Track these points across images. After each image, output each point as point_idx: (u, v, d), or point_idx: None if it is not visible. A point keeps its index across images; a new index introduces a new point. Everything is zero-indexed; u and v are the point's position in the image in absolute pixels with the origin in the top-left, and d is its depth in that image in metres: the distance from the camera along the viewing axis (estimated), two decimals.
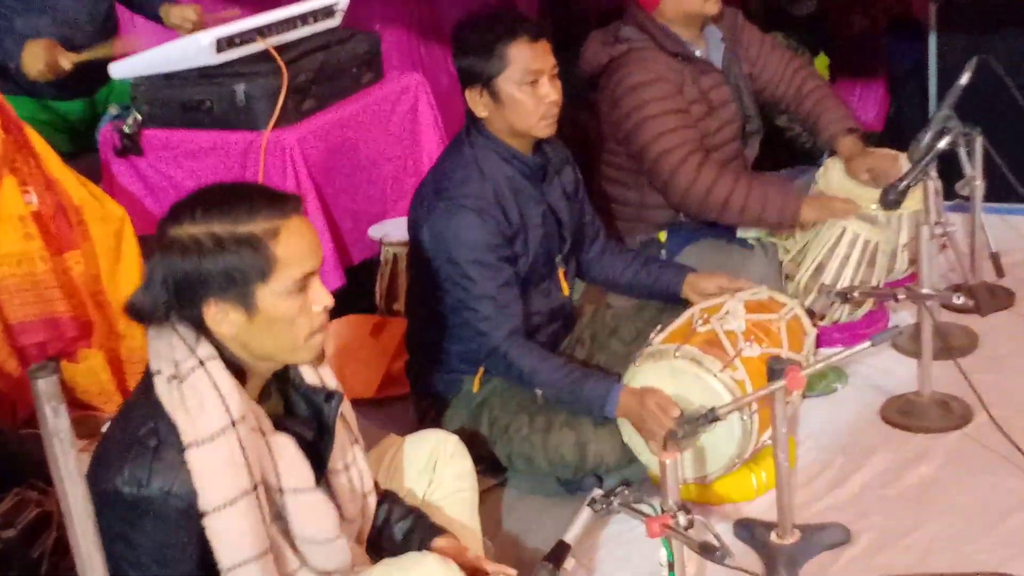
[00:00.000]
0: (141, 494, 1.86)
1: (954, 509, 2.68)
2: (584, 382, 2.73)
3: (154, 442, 1.88)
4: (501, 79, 2.75)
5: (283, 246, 1.93)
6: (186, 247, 1.90)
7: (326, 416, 2.10)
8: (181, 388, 1.90)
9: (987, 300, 3.49)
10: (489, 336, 2.77)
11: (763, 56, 3.62)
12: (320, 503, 2.05)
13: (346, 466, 2.15)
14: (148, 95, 3.51)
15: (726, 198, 3.29)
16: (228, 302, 1.92)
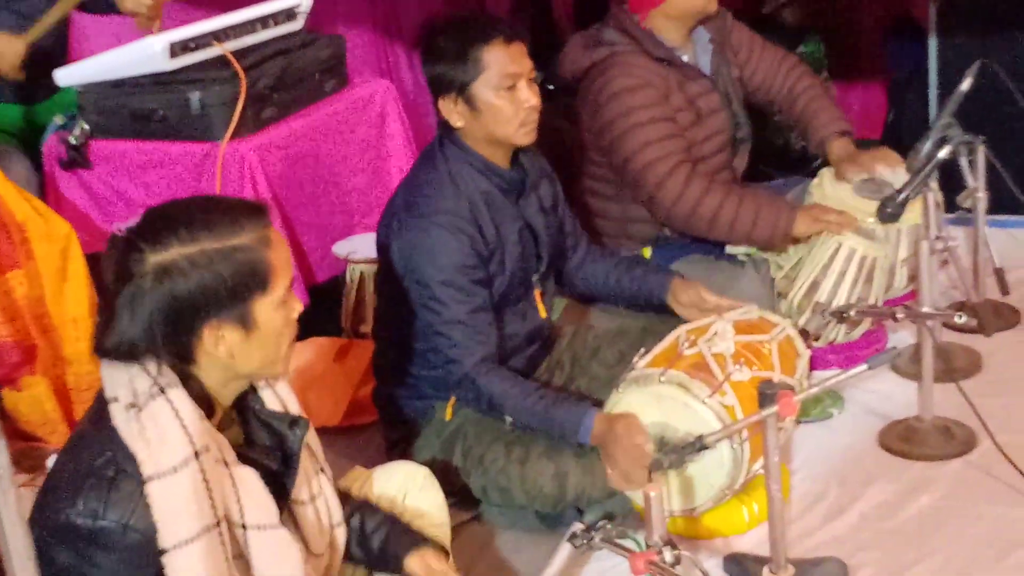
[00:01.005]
0: (97, 526, 1.86)
1: (957, 542, 2.68)
2: (556, 408, 2.72)
3: (111, 472, 1.87)
4: (477, 85, 2.75)
5: (274, 254, 1.97)
6: (179, 271, 1.90)
7: (290, 444, 2.10)
8: (140, 417, 1.90)
9: (991, 319, 3.49)
10: (459, 363, 2.76)
11: (754, 57, 3.64)
12: (283, 541, 2.04)
13: (312, 497, 2.15)
14: (96, 104, 3.51)
15: (715, 212, 3.30)
16: (227, 321, 1.94)
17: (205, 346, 1.95)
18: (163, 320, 1.91)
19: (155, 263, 1.91)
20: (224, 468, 1.97)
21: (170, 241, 1.92)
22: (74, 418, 3.20)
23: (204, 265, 1.92)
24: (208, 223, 1.95)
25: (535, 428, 2.76)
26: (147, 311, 1.91)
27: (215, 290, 1.93)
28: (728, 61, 3.60)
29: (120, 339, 1.92)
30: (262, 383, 2.13)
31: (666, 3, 3.38)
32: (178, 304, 1.91)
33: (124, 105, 3.49)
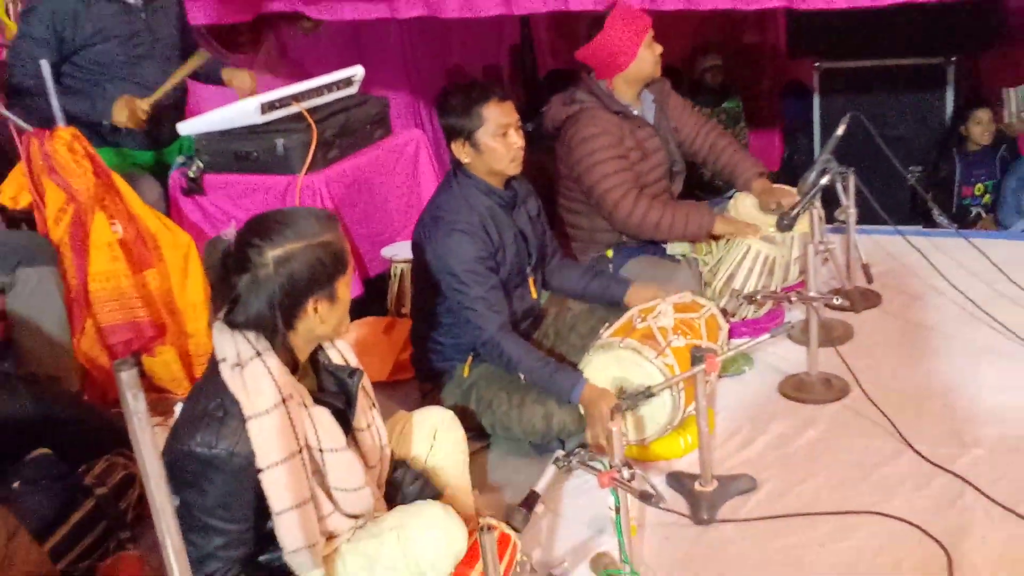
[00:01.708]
0: (211, 453, 1.87)
1: (834, 464, 2.69)
2: (558, 373, 2.72)
3: (221, 413, 1.88)
4: (479, 133, 2.75)
5: (345, 247, 2.01)
6: (294, 259, 1.93)
7: (350, 388, 2.12)
8: (243, 373, 1.90)
9: (860, 301, 3.49)
10: (484, 330, 2.76)
11: (683, 117, 3.62)
12: (350, 459, 2.05)
13: (368, 425, 2.16)
14: (208, 147, 3.52)
15: (657, 221, 3.31)
16: (322, 297, 1.97)
17: (307, 315, 1.97)
18: (283, 297, 1.93)
19: (274, 255, 1.92)
20: (304, 409, 1.98)
21: (283, 239, 1.93)
22: (194, 375, 3.23)
23: (310, 255, 1.94)
24: (306, 225, 1.97)
25: (539, 384, 2.75)
26: (270, 292, 1.93)
27: (319, 272, 1.95)
28: (666, 115, 3.59)
29: (249, 314, 1.94)
30: (328, 343, 2.14)
31: (626, 71, 3.37)
32: (295, 284, 1.94)
33: (228, 148, 3.49)
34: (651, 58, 3.36)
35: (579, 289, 3.15)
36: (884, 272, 3.75)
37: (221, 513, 1.90)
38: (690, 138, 3.61)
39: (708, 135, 3.61)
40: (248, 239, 1.95)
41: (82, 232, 2.97)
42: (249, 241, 1.94)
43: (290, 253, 1.93)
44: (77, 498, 2.43)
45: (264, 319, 1.94)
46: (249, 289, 1.93)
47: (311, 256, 1.95)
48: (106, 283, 2.99)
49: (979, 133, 4.95)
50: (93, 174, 3.00)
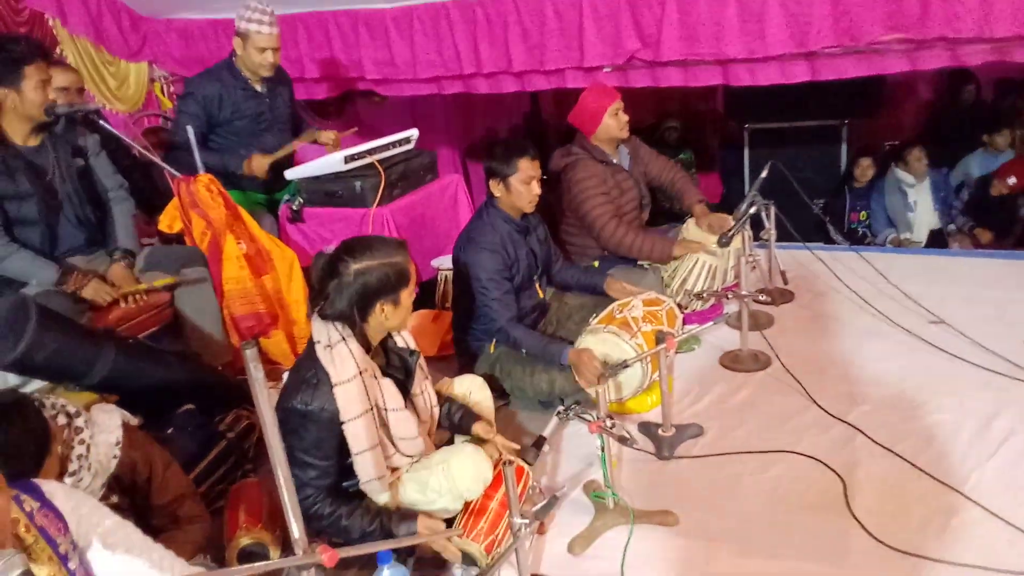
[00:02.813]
0: (308, 409, 1.88)
1: (762, 416, 2.68)
2: (550, 346, 2.71)
3: (315, 380, 1.89)
4: (512, 178, 2.75)
5: (411, 266, 2.00)
6: (369, 272, 1.93)
7: (410, 365, 2.12)
8: (332, 352, 1.91)
9: (778, 297, 3.48)
10: (497, 321, 2.75)
11: (651, 163, 3.60)
12: (407, 417, 2.06)
13: (422, 392, 2.17)
14: (307, 188, 3.51)
15: (631, 244, 3.30)
16: (387, 301, 1.96)
17: (376, 313, 1.97)
18: (358, 299, 1.94)
19: (356, 268, 1.93)
20: (375, 379, 1.99)
21: (363, 256, 1.94)
22: (297, 352, 3.20)
23: (381, 270, 1.94)
24: (381, 248, 1.97)
25: (538, 355, 2.74)
26: (350, 294, 1.93)
27: (386, 284, 1.95)
28: (639, 162, 3.57)
29: (334, 309, 1.95)
30: (395, 333, 2.14)
31: (595, 134, 3.35)
32: (367, 290, 1.94)
33: (321, 188, 3.48)
34: (615, 124, 3.33)
35: (573, 282, 3.13)
36: (796, 276, 3.74)
37: (314, 452, 1.92)
38: (657, 177, 3.60)
39: (668, 172, 3.60)
40: (340, 255, 1.96)
41: (217, 249, 2.98)
42: (340, 256, 1.96)
43: (367, 267, 1.93)
44: (213, 440, 2.46)
45: (346, 314, 1.95)
46: (336, 290, 1.95)
47: (382, 272, 1.94)
48: (236, 285, 2.99)
49: (861, 174, 4.98)
50: (224, 207, 3.02)
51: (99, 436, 1.88)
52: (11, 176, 2.61)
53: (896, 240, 4.86)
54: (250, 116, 3.50)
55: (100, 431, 1.89)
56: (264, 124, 3.56)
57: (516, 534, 1.87)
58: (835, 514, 2.17)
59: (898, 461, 2.34)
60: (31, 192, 2.64)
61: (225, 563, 2.05)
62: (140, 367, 2.42)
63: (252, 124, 3.51)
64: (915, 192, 4.83)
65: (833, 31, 3.23)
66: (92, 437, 1.86)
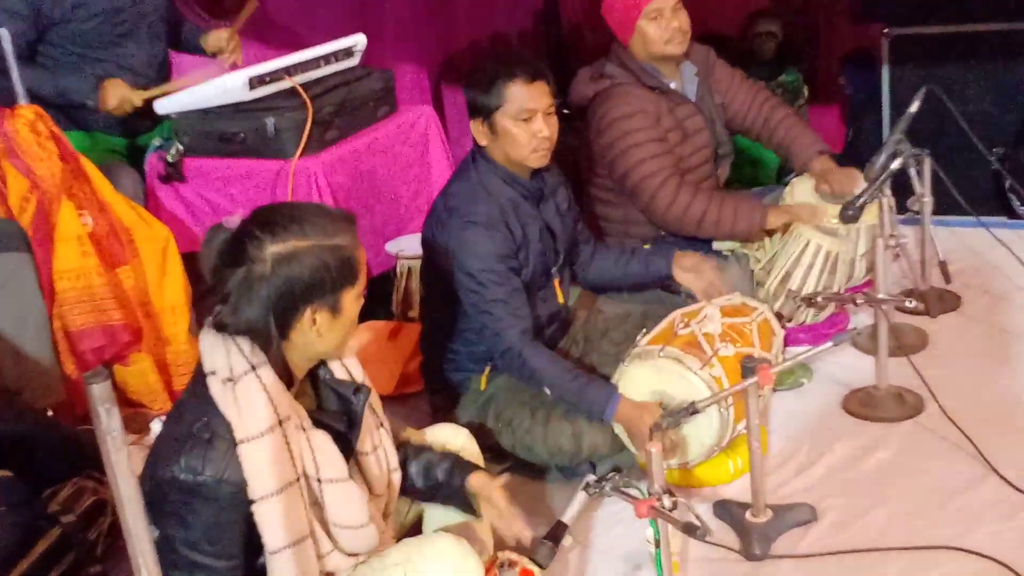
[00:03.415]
0: (196, 480, 1.87)
1: (909, 491, 2.67)
2: (588, 387, 2.71)
3: (208, 435, 1.88)
4: (498, 114, 2.74)
5: (360, 255, 1.99)
6: (296, 260, 1.91)
7: (355, 408, 2.11)
8: (235, 389, 1.90)
9: (936, 304, 3.48)
10: (503, 336, 2.74)
11: (732, 89, 3.62)
12: (352, 491, 2.05)
13: (374, 447, 2.16)
14: (189, 128, 3.51)
15: (702, 215, 3.30)
16: (322, 306, 1.95)
17: (303, 326, 1.96)
18: (277, 300, 1.92)
19: (274, 252, 1.91)
20: (302, 432, 1.98)
21: (288, 235, 1.92)
22: (172, 388, 3.23)
23: (316, 257, 1.93)
24: (317, 223, 1.96)
25: (567, 400, 2.74)
26: (264, 293, 1.91)
27: (321, 279, 1.94)
28: (711, 90, 3.58)
29: (239, 317, 1.93)
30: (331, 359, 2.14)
31: (631, 45, 3.37)
32: (292, 288, 1.92)
33: (212, 129, 3.49)
34: (656, 34, 3.33)
35: (618, 275, 3.15)
36: (964, 270, 3.74)
37: (207, 548, 1.90)
38: (741, 112, 3.61)
39: (762, 107, 3.61)
40: (249, 229, 1.93)
41: (47, 224, 2.96)
42: (249, 231, 1.93)
43: (293, 251, 1.91)
44: (41, 527, 2.44)
45: (256, 324, 1.94)
46: (241, 287, 1.92)
47: (316, 259, 1.93)
48: (76, 282, 2.99)
49: None
50: (59, 158, 3.01)
51: None
52: None
53: None
54: (102, 13, 3.50)
55: None
56: (123, 25, 3.56)
57: None
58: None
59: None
60: None
61: None
62: None
63: (105, 25, 3.52)
64: None
65: None
66: None
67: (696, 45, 3.50)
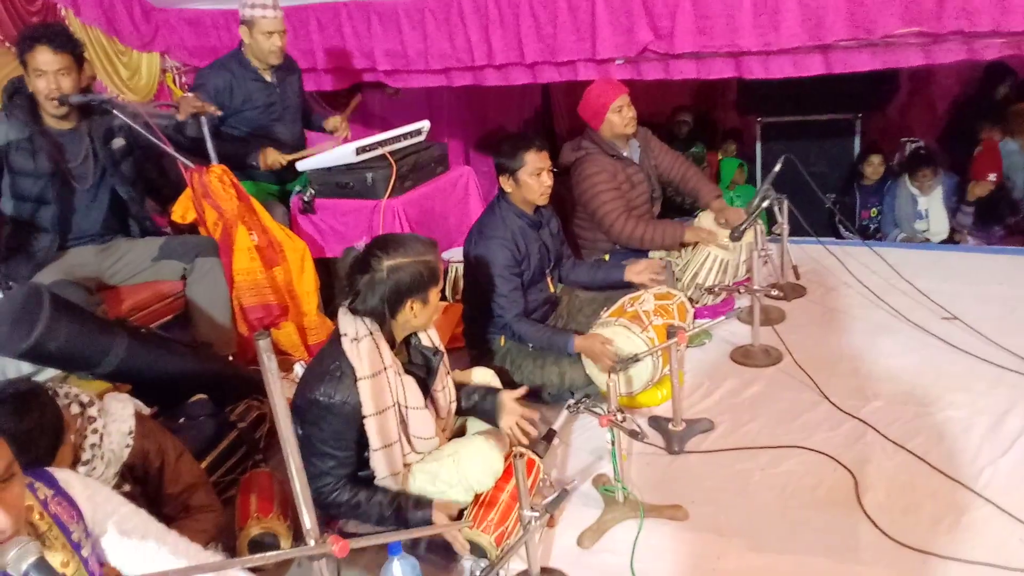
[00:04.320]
0: (331, 401, 1.88)
1: (771, 410, 2.67)
2: (554, 336, 2.72)
3: (339, 373, 1.90)
4: (521, 172, 2.74)
5: (441, 267, 2.01)
6: (402, 269, 1.93)
7: (433, 364, 2.11)
8: (358, 346, 1.92)
9: (790, 292, 3.46)
10: (503, 316, 2.76)
11: (663, 155, 3.58)
12: (426, 416, 2.06)
13: (442, 387, 2.17)
14: (318, 179, 3.51)
15: (641, 235, 3.29)
16: (417, 299, 1.97)
17: (405, 311, 1.97)
18: (390, 295, 1.94)
19: (389, 264, 1.93)
20: (398, 376, 1.99)
21: (397, 254, 1.94)
22: (307, 343, 3.23)
23: (415, 268, 1.94)
24: (415, 246, 1.97)
25: (544, 347, 2.74)
26: (381, 291, 1.93)
27: (418, 282, 1.95)
28: (649, 156, 3.56)
29: (365, 304, 1.95)
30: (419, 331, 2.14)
31: (603, 127, 3.33)
32: (399, 287, 1.94)
33: (333, 180, 3.48)
34: (619, 121, 3.30)
35: (589, 280, 3.12)
36: (809, 271, 3.72)
37: (333, 443, 1.92)
38: (667, 170, 3.58)
39: (680, 167, 3.58)
40: (373, 250, 1.96)
41: (229, 240, 2.98)
42: (373, 252, 1.96)
43: (400, 264, 1.93)
44: (225, 430, 2.47)
45: (376, 309, 1.95)
46: (367, 286, 1.95)
47: (415, 269, 1.94)
48: (247, 276, 3.00)
49: (871, 172, 4.96)
50: (236, 198, 3.02)
51: (112, 425, 1.89)
52: (33, 155, 2.67)
53: (907, 238, 4.82)
54: (261, 106, 3.51)
55: (113, 420, 1.90)
56: (275, 113, 3.57)
57: (526, 527, 1.87)
58: (846, 510, 2.16)
59: (909, 458, 2.33)
60: (47, 172, 2.69)
61: (236, 552, 2.06)
62: (152, 357, 2.43)
63: (263, 114, 3.52)
64: (926, 201, 4.79)
65: (848, 23, 3.20)
66: (105, 426, 1.87)
67: (640, 127, 3.48)
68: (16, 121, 2.66)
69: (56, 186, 2.73)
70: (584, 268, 3.16)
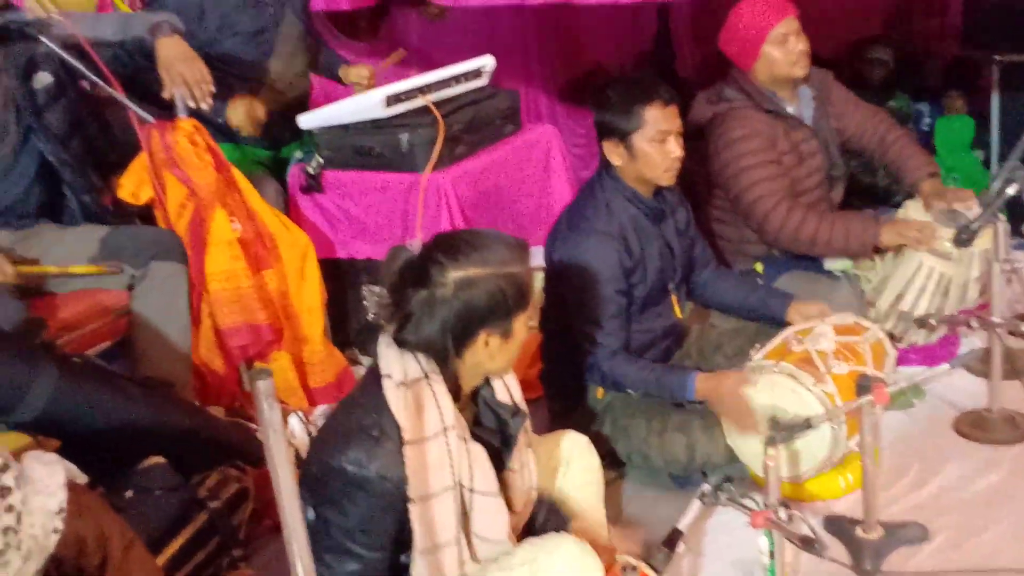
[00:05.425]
0: (361, 473, 1.89)
1: (1020, 513, 2.61)
2: (665, 376, 2.72)
3: (376, 432, 1.91)
4: (636, 135, 2.74)
5: (531, 283, 2.01)
6: (475, 285, 1.93)
7: (511, 430, 2.12)
8: (408, 394, 1.93)
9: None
10: (591, 353, 2.77)
11: (849, 111, 3.54)
12: (499, 506, 2.05)
13: (521, 466, 2.16)
14: (329, 143, 3.55)
15: (813, 234, 3.24)
16: (495, 331, 1.97)
17: (476, 347, 1.97)
18: (456, 323, 1.94)
19: (456, 277, 1.93)
20: (463, 443, 1.99)
21: (468, 262, 1.94)
22: (308, 385, 3.27)
23: (493, 284, 1.94)
24: (495, 251, 1.97)
25: (652, 393, 2.74)
26: (444, 314, 1.94)
27: (497, 305, 1.95)
28: (827, 113, 3.51)
29: (420, 334, 1.96)
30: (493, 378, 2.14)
31: (755, 68, 3.32)
32: (470, 312, 1.94)
33: (350, 143, 3.52)
34: (782, 58, 3.29)
35: (735, 303, 3.12)
36: None
37: (360, 537, 1.93)
38: (857, 134, 3.54)
39: (878, 128, 3.53)
40: (432, 254, 1.96)
41: (201, 229, 3.03)
42: (433, 257, 1.96)
43: (473, 278, 1.93)
44: (190, 511, 2.49)
45: (434, 342, 1.96)
46: (424, 307, 1.95)
47: (494, 285, 1.94)
48: (226, 283, 3.05)
49: None
50: (214, 168, 3.07)
51: (34, 500, 1.93)
52: None
53: None
54: (244, 34, 3.57)
55: (35, 493, 1.94)
56: (266, 44, 3.62)
57: None
58: None
59: None
60: None
61: None
62: (91, 398, 2.49)
63: (248, 44, 3.59)
64: None
65: None
66: (24, 502, 1.91)
67: (814, 69, 3.43)
68: None
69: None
70: (730, 283, 3.15)
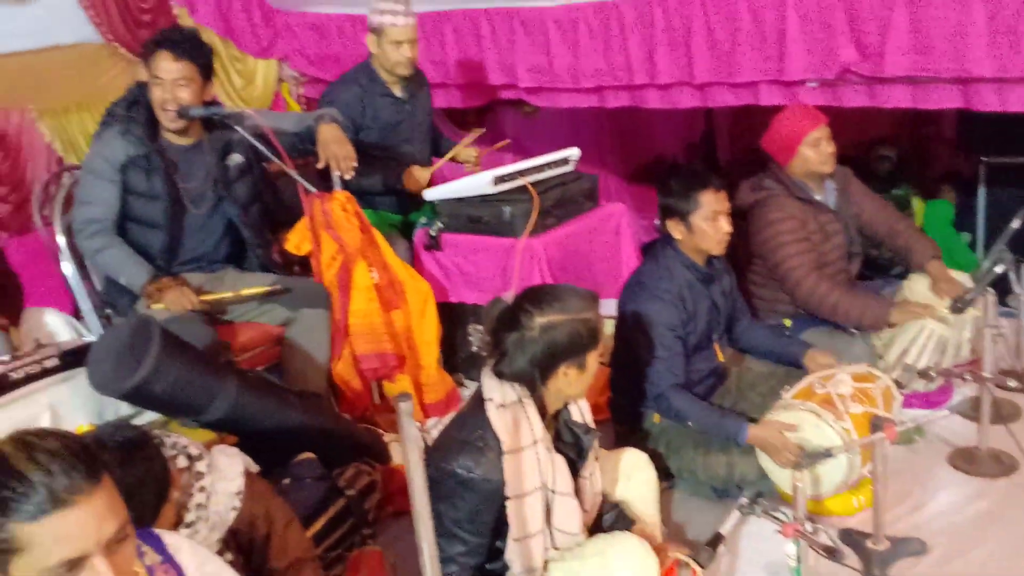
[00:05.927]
0: (469, 476, 1.92)
1: (1003, 535, 2.53)
2: (724, 419, 2.68)
3: (481, 444, 1.94)
4: (694, 215, 2.74)
5: (600, 327, 2.04)
6: (557, 329, 1.97)
7: (584, 444, 2.13)
8: (505, 414, 1.96)
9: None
10: (657, 385, 2.74)
11: (865, 202, 3.48)
12: (574, 505, 2.06)
13: (590, 474, 2.17)
14: (447, 211, 3.59)
15: (834, 305, 3.18)
16: (572, 365, 2.00)
17: (557, 377, 2.00)
18: (541, 358, 1.98)
19: (542, 322, 1.97)
20: (549, 454, 2.01)
21: (552, 310, 1.98)
22: (423, 401, 3.31)
23: (571, 327, 1.97)
24: (572, 302, 2.01)
25: (710, 431, 2.71)
26: (531, 352, 1.98)
27: (574, 344, 1.98)
28: (848, 201, 3.46)
29: (513, 367, 2.00)
30: (571, 403, 2.16)
31: (792, 164, 3.29)
32: (553, 350, 1.98)
33: (464, 212, 3.55)
34: (815, 157, 3.24)
35: (763, 349, 3.08)
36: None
37: (467, 526, 1.95)
38: (872, 221, 3.47)
39: (888, 218, 3.46)
40: (523, 304, 2.01)
41: (347, 277, 3.11)
42: (523, 306, 2.01)
43: (555, 323, 1.97)
44: (332, 497, 2.53)
45: (524, 373, 1.99)
46: (516, 346, 1.99)
47: (572, 328, 1.98)
48: (363, 319, 3.11)
49: None
50: (359, 229, 3.15)
51: (219, 484, 1.98)
52: (148, 174, 2.89)
53: None
54: (388, 124, 3.66)
55: (221, 478, 1.99)
56: (404, 133, 3.71)
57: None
58: None
59: None
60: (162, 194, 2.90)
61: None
62: (263, 405, 2.56)
63: (391, 133, 3.67)
64: None
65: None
66: (212, 484, 1.96)
67: (837, 167, 3.40)
68: (133, 137, 2.89)
69: (169, 209, 2.94)
70: (762, 333, 3.11)
